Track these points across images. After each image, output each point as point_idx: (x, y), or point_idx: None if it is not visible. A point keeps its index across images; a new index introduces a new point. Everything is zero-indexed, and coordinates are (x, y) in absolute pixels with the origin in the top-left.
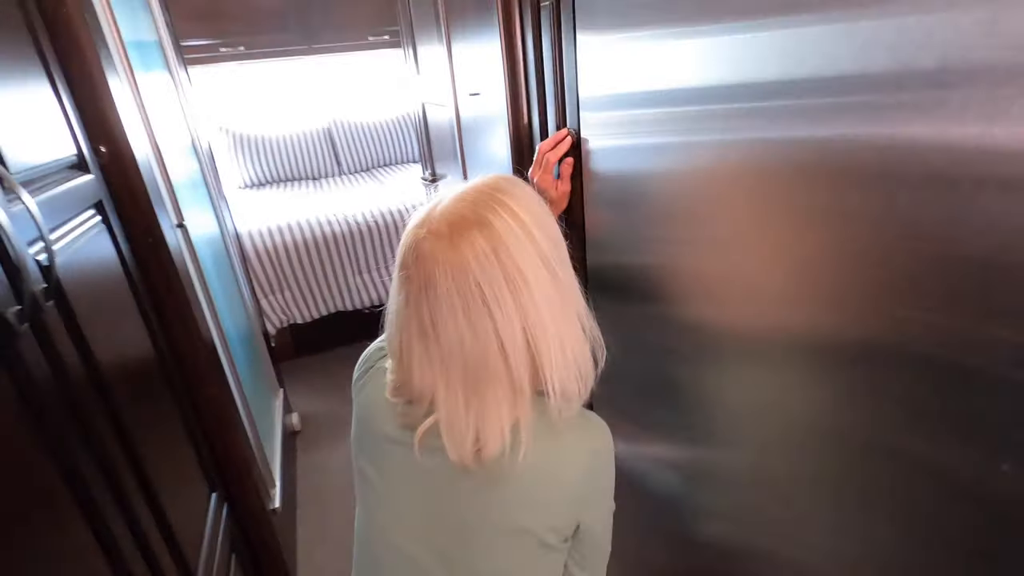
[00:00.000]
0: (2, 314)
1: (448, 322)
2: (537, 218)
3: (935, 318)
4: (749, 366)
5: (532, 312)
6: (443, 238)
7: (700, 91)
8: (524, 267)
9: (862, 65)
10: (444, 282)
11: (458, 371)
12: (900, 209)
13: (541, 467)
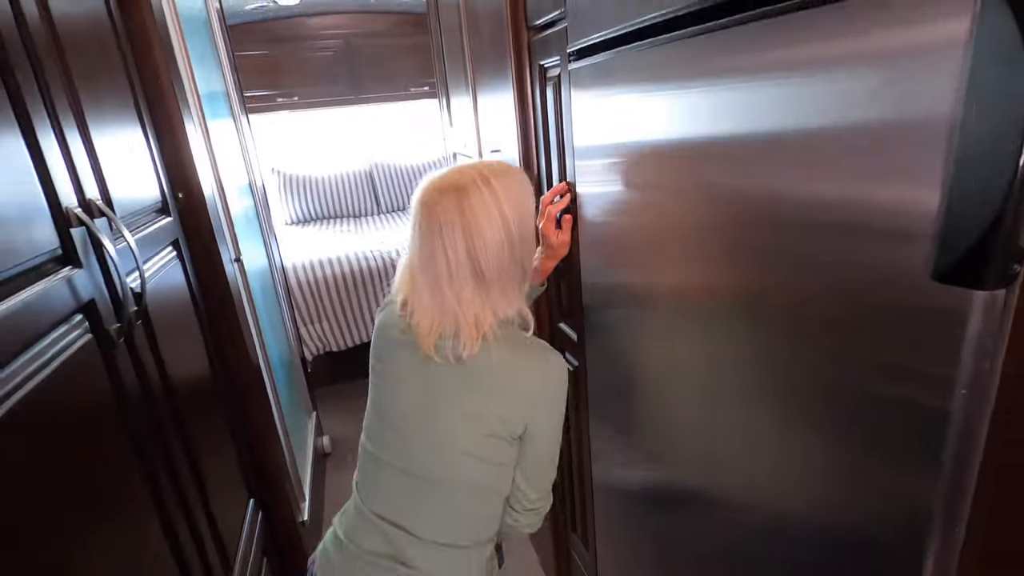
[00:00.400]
0: (107, 329)
1: (424, 250)
2: (509, 193)
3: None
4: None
5: (483, 258)
6: (431, 194)
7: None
8: (483, 225)
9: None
10: (423, 223)
11: (427, 287)
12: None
13: (507, 365)
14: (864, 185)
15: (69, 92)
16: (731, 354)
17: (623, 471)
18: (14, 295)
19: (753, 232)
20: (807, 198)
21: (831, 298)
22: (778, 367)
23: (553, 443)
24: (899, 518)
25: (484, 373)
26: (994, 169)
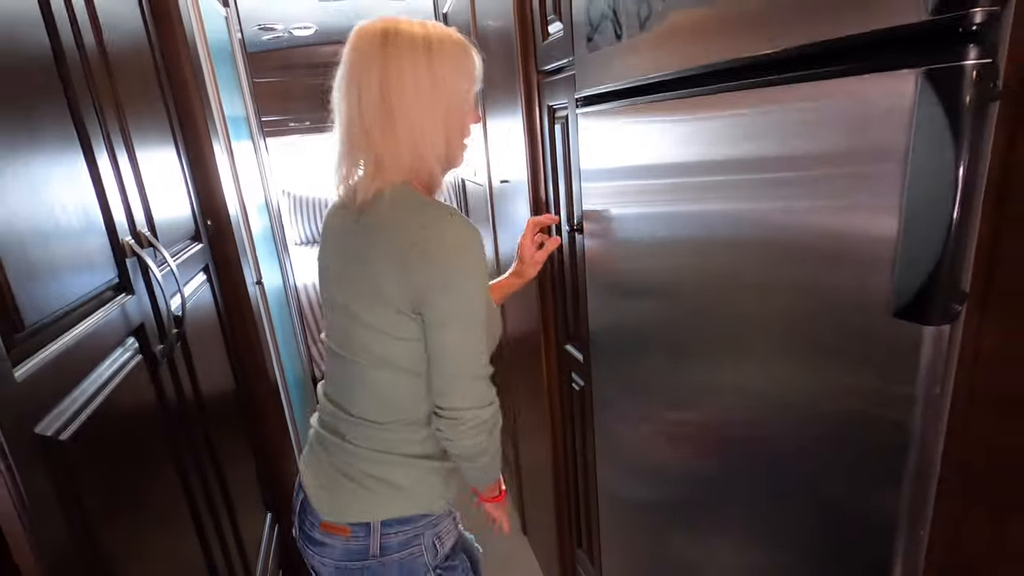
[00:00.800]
0: (154, 350)
1: (341, 87)
2: (444, 54)
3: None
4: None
5: (396, 97)
6: (361, 29)
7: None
8: (405, 68)
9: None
10: (346, 58)
11: (342, 126)
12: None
13: (392, 224)
14: (843, 225)
15: (120, 118)
16: (725, 375)
17: (628, 487)
18: (83, 321)
19: (748, 257)
20: (797, 227)
21: (814, 323)
22: (764, 387)
23: (460, 337)
24: (871, 525)
25: (373, 232)
26: (933, 231)
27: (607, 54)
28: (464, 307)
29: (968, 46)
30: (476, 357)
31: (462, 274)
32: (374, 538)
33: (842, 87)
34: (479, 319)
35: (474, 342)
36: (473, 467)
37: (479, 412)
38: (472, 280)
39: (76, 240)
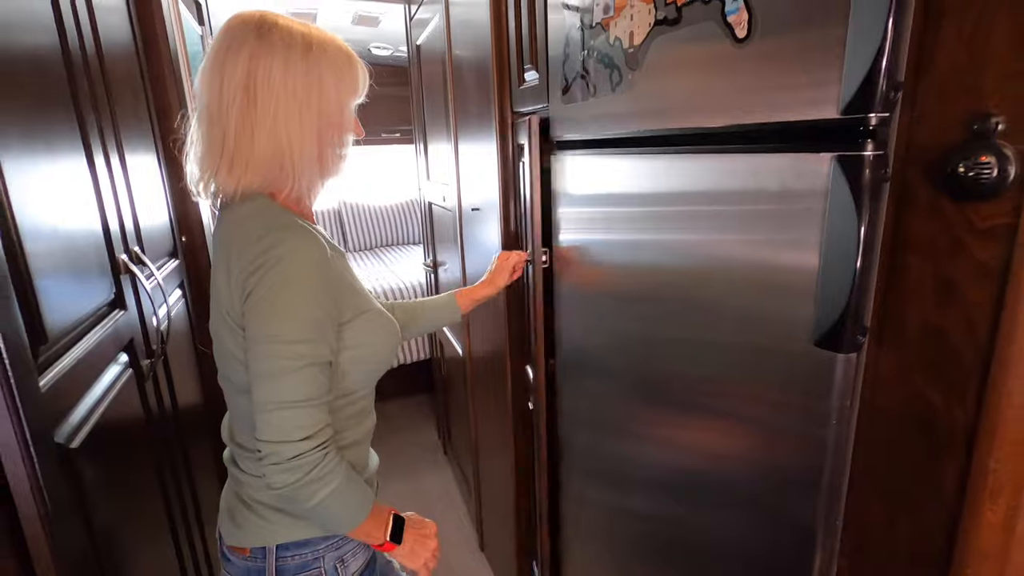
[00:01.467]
0: (141, 365)
1: (203, 76)
2: (326, 56)
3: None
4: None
5: (262, 92)
6: (236, 17)
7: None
8: (276, 60)
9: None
10: (213, 46)
11: (202, 123)
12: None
13: (234, 227)
14: (774, 265)
15: (116, 132)
16: (675, 392)
17: (588, 504)
18: (86, 335)
19: (698, 284)
20: (739, 264)
21: (752, 345)
22: (709, 401)
23: (268, 362)
24: (796, 520)
25: (223, 247)
26: (843, 278)
27: (580, 107)
28: (278, 328)
29: (867, 140)
30: (286, 384)
31: (285, 292)
32: (270, 560)
33: (775, 159)
34: (296, 343)
35: (285, 367)
36: (301, 511)
37: (282, 448)
38: (295, 298)
39: (84, 254)
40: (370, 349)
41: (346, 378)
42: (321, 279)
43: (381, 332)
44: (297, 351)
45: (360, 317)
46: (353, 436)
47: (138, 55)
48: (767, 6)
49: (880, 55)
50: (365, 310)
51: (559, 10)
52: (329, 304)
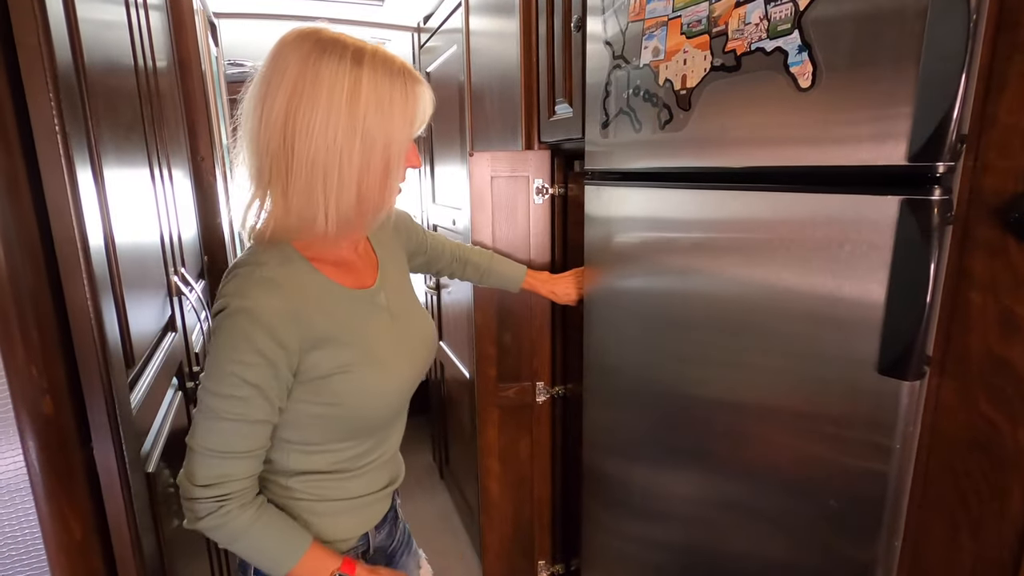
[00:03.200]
0: (186, 388)
1: (246, 104)
2: (378, 88)
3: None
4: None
5: (300, 142)
6: (287, 36)
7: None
8: (320, 99)
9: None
10: (262, 67)
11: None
12: None
13: (226, 280)
14: (837, 298)
15: (165, 146)
16: (727, 415)
17: (614, 520)
18: (152, 357)
19: (755, 312)
20: (798, 292)
21: (811, 374)
22: (764, 424)
23: (201, 403)
24: (857, 539)
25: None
26: (910, 312)
27: (622, 141)
28: (208, 378)
29: (934, 186)
30: (201, 429)
31: (224, 346)
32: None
33: (836, 199)
34: (218, 396)
35: (205, 414)
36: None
37: (183, 485)
38: (231, 355)
39: (152, 273)
40: (346, 410)
41: (315, 431)
42: (262, 336)
43: (364, 396)
44: (217, 404)
45: (337, 376)
46: (344, 492)
47: (176, 77)
48: (833, 60)
49: (951, 110)
50: (346, 370)
51: (599, 48)
52: (267, 359)
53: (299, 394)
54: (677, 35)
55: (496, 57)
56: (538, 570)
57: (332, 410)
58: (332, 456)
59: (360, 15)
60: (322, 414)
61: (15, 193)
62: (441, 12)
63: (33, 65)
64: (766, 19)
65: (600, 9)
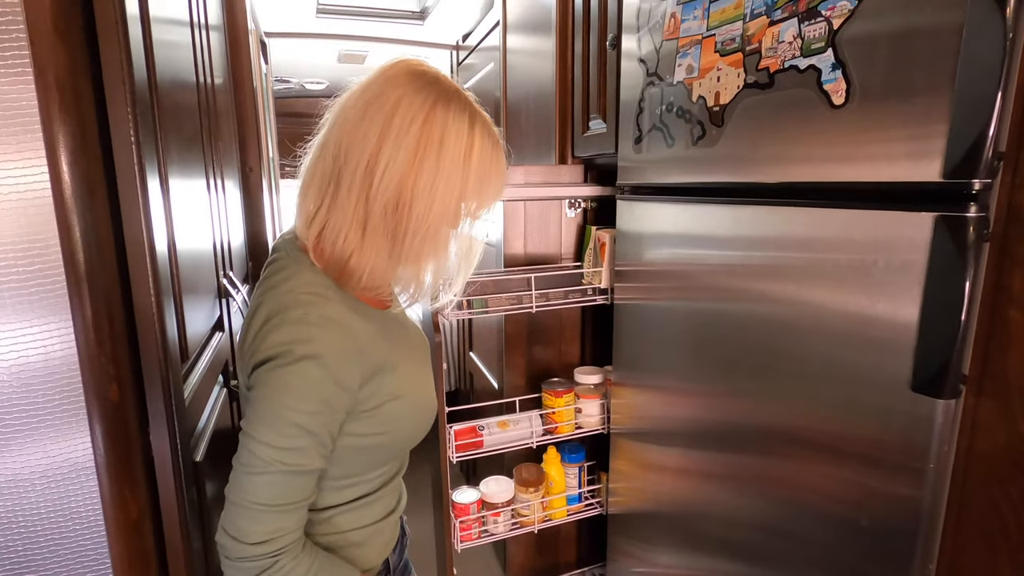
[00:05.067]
0: (231, 385)
1: (331, 134)
2: (484, 156)
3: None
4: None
5: (413, 198)
6: (403, 73)
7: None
8: (431, 152)
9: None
10: (365, 92)
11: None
12: None
13: (275, 292)
14: (869, 317)
15: (219, 157)
16: (762, 420)
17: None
18: (202, 354)
19: (786, 332)
20: (831, 312)
21: (843, 393)
22: (804, 437)
23: (243, 455)
24: (891, 561)
25: (259, 295)
26: (945, 330)
27: (655, 157)
28: (263, 430)
29: (970, 203)
30: (252, 484)
31: (284, 397)
32: None
33: (869, 215)
34: (276, 448)
35: (256, 467)
36: None
37: (230, 544)
38: (293, 407)
39: (205, 274)
40: (396, 435)
41: (357, 463)
42: (326, 384)
43: (412, 417)
44: (271, 455)
45: (391, 402)
46: (363, 519)
47: (230, 92)
48: (867, 78)
49: (987, 126)
50: (400, 395)
51: (633, 66)
52: (328, 407)
53: (351, 428)
54: (711, 53)
55: (532, 74)
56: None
57: (379, 439)
58: (363, 486)
59: (402, 34)
60: (369, 445)
61: (93, 198)
62: (480, 30)
63: (115, 81)
64: (800, 37)
65: (635, 28)
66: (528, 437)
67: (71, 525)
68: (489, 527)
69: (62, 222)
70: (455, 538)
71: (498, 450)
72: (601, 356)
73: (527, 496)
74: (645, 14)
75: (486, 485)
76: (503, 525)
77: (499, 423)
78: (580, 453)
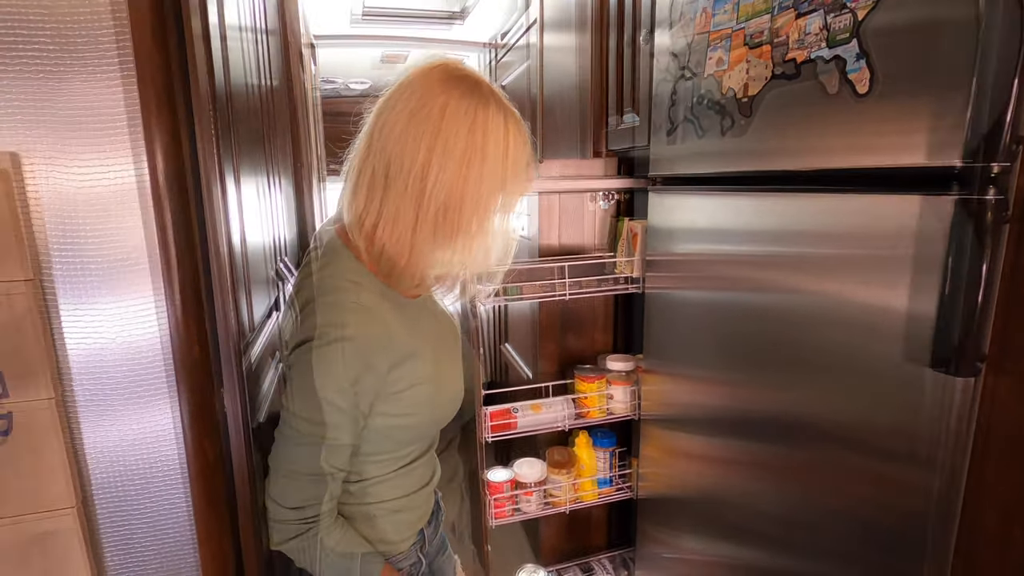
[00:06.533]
0: (282, 367)
1: (376, 138)
2: (519, 153)
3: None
4: None
5: (433, 189)
6: (443, 79)
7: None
8: (474, 152)
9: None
10: (407, 96)
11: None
12: None
13: (303, 278)
14: (889, 298)
15: (275, 156)
16: (785, 404)
17: None
18: (261, 334)
19: (808, 317)
20: (851, 296)
21: (864, 373)
22: (825, 420)
23: (283, 427)
24: (908, 534)
25: (300, 282)
26: (963, 309)
27: (686, 148)
28: (299, 403)
29: (990, 186)
30: (291, 453)
31: (318, 374)
32: None
33: (892, 200)
34: (310, 422)
35: (294, 438)
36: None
37: (273, 508)
38: (325, 383)
39: (263, 260)
40: (425, 417)
41: (388, 441)
42: (357, 366)
43: (439, 402)
44: (308, 429)
45: (419, 387)
46: (399, 490)
47: (286, 94)
48: (889, 67)
49: (1005, 111)
50: (427, 380)
51: (666, 60)
52: (363, 396)
53: (380, 408)
54: (740, 46)
55: (566, 71)
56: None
57: (407, 420)
58: (396, 461)
59: (442, 34)
60: (398, 425)
61: (183, 190)
62: (517, 29)
63: (201, 89)
64: (826, 29)
65: (668, 23)
66: (560, 420)
67: (161, 466)
68: (521, 506)
69: (158, 208)
70: (489, 515)
71: (531, 431)
72: (632, 345)
73: (558, 477)
74: (677, 9)
75: (519, 466)
76: (535, 504)
77: (532, 406)
78: (611, 438)
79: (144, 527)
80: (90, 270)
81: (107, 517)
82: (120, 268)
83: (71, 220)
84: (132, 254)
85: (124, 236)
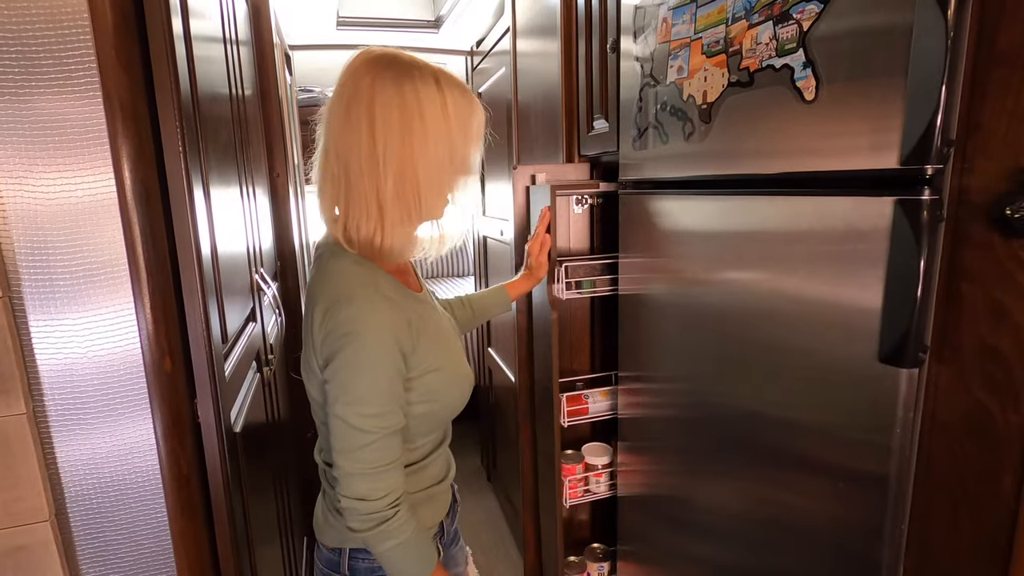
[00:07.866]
0: (263, 371)
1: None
2: (459, 109)
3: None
4: None
5: (422, 168)
6: (369, 64)
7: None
8: (429, 124)
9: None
10: (346, 92)
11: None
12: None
13: (324, 284)
14: (837, 294)
15: (249, 164)
16: (743, 401)
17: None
18: (238, 341)
19: (762, 316)
20: (802, 293)
21: (817, 365)
22: (781, 412)
23: (347, 432)
24: (863, 524)
25: (312, 288)
26: (906, 304)
27: (652, 153)
28: (358, 405)
29: (925, 187)
30: (366, 454)
31: (363, 368)
32: (343, 560)
33: (838, 201)
34: (374, 416)
35: (364, 438)
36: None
37: (359, 504)
38: (373, 374)
39: (240, 271)
40: (439, 404)
41: (412, 428)
42: (394, 351)
43: (452, 388)
44: (375, 424)
45: (431, 374)
46: (419, 484)
47: (258, 103)
48: (832, 75)
49: (935, 117)
50: (438, 368)
51: (632, 67)
52: (399, 372)
53: (405, 395)
54: (698, 55)
55: (540, 76)
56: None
57: (428, 406)
58: (412, 454)
59: (419, 42)
60: (421, 412)
61: (150, 201)
62: (492, 36)
63: (166, 101)
64: (775, 39)
65: (632, 31)
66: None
67: (134, 478)
68: (591, 487)
69: (125, 220)
70: (564, 496)
71: (600, 417)
72: (610, 345)
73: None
74: (641, 18)
75: (587, 450)
76: (604, 486)
77: (600, 392)
78: None
79: (120, 538)
80: (59, 285)
81: (83, 528)
82: (89, 282)
83: (39, 236)
84: (101, 268)
85: (92, 250)
